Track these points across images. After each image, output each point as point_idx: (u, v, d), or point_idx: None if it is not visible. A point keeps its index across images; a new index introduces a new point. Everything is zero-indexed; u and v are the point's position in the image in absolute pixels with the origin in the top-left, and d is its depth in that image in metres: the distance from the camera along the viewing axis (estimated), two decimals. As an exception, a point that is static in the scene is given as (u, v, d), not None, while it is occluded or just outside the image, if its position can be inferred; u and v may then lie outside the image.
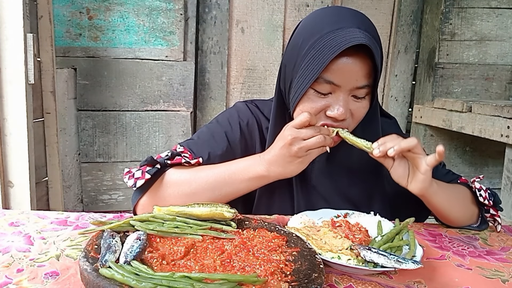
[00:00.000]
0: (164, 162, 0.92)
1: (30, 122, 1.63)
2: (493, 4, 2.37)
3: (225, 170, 0.91)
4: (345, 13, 0.89)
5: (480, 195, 0.99)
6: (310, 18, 0.93)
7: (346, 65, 0.84)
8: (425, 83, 2.48)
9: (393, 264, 0.69)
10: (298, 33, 0.93)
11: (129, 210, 2.24)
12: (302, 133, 0.84)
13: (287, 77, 0.94)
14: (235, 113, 1.06)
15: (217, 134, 1.01)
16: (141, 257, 0.65)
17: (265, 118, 1.06)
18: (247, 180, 0.90)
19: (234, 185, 0.91)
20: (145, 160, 0.92)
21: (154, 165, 0.91)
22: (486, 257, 0.85)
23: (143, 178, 0.89)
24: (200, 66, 2.31)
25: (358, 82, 0.86)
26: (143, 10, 2.13)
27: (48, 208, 1.96)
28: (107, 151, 2.20)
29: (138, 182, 0.89)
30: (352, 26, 0.84)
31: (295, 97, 0.91)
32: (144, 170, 0.90)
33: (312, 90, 0.88)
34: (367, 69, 0.86)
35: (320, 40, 0.85)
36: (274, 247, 0.72)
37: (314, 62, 0.85)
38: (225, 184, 0.90)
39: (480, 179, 1.04)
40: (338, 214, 0.92)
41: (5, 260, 0.69)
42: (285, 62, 0.96)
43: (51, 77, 1.87)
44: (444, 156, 0.83)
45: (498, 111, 1.86)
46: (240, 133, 1.02)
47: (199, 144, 1.00)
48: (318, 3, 2.34)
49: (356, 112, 0.91)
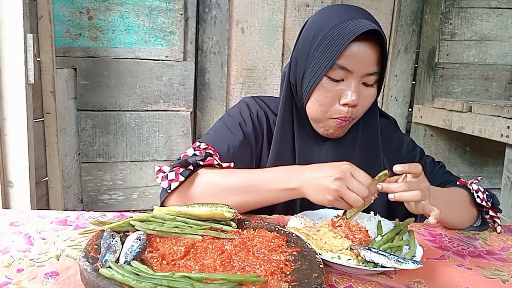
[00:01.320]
0: (196, 163, 0.92)
1: (30, 122, 1.63)
2: (493, 4, 2.37)
3: (257, 177, 0.90)
4: (353, 8, 0.95)
5: (477, 196, 0.99)
6: (318, 15, 0.97)
7: (359, 51, 0.88)
8: (425, 83, 2.48)
9: (393, 264, 0.69)
10: (309, 28, 0.96)
11: (129, 210, 2.25)
12: (353, 182, 0.80)
13: (299, 69, 0.96)
14: (245, 106, 1.09)
15: (232, 126, 1.03)
16: (141, 257, 0.65)
17: (271, 112, 1.09)
18: (277, 190, 0.88)
19: (263, 193, 0.89)
20: (179, 161, 0.92)
21: (187, 166, 0.91)
22: (486, 256, 0.85)
23: (177, 181, 0.89)
24: (200, 66, 2.31)
25: (369, 68, 0.90)
26: (143, 10, 2.13)
27: (48, 208, 1.96)
28: (107, 151, 2.20)
29: (173, 184, 0.89)
30: (361, 18, 0.90)
31: (309, 86, 0.93)
32: (178, 172, 0.90)
33: (326, 78, 0.91)
34: (377, 56, 0.91)
35: (333, 29, 0.89)
36: (274, 247, 0.72)
37: (328, 50, 0.89)
38: (254, 190, 0.89)
39: (478, 181, 1.03)
40: (338, 214, 0.92)
41: (5, 260, 0.69)
42: (296, 56, 0.98)
43: (51, 77, 1.87)
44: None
45: (498, 111, 1.86)
46: (252, 124, 1.05)
47: (217, 138, 1.02)
48: (318, 3, 2.33)
49: (363, 100, 0.94)
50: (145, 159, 2.25)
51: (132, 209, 2.26)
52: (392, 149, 1.10)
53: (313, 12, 2.33)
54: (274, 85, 2.39)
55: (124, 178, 2.24)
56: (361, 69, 0.90)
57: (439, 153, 2.47)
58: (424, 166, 1.10)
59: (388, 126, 1.13)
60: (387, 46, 2.47)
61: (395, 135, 1.14)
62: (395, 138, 1.13)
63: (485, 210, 1.01)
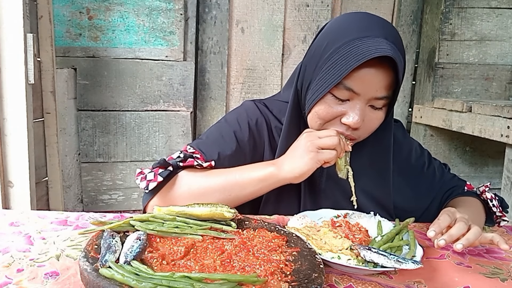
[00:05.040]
0: (176, 164, 0.92)
1: (30, 122, 1.63)
2: (493, 4, 2.37)
3: (237, 172, 0.91)
4: (374, 21, 0.87)
5: (493, 205, 1.01)
6: (337, 22, 0.91)
7: (368, 75, 0.83)
8: (425, 83, 2.48)
9: (393, 264, 0.69)
10: (323, 36, 0.91)
11: (129, 210, 2.25)
12: (318, 133, 0.85)
13: (306, 78, 0.93)
14: (243, 112, 1.04)
15: (226, 134, 1.00)
16: (141, 257, 0.65)
17: (274, 117, 1.04)
18: (257, 180, 0.89)
19: (243, 187, 0.89)
20: (158, 162, 0.91)
21: (167, 167, 0.91)
22: (485, 255, 0.85)
23: (156, 181, 0.89)
24: (200, 66, 2.31)
25: (378, 92, 0.86)
26: (143, 10, 2.13)
27: (48, 208, 1.96)
28: (107, 151, 2.20)
29: (151, 185, 0.89)
30: (380, 36, 0.83)
31: (312, 99, 0.90)
32: (157, 173, 0.90)
33: (330, 95, 0.87)
34: (388, 80, 0.85)
35: (345, 46, 0.83)
36: (274, 247, 0.72)
37: (336, 67, 0.84)
38: (235, 185, 0.89)
39: (489, 187, 1.05)
40: (338, 214, 0.92)
41: (5, 260, 0.69)
42: (306, 62, 0.94)
43: (51, 77, 1.87)
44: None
45: (498, 111, 1.86)
46: (249, 132, 1.01)
47: (208, 144, 0.99)
48: (318, 3, 2.34)
49: (369, 122, 0.90)
50: (145, 159, 2.25)
51: (132, 209, 2.26)
52: (402, 157, 1.08)
53: (313, 12, 2.34)
54: (274, 85, 2.39)
55: (124, 178, 2.24)
56: (369, 93, 0.85)
57: (439, 153, 2.47)
58: (433, 171, 1.11)
59: (397, 130, 1.09)
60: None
61: (404, 141, 1.11)
62: (404, 144, 1.10)
63: (494, 213, 1.04)
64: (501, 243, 0.78)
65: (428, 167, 1.11)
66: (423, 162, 1.11)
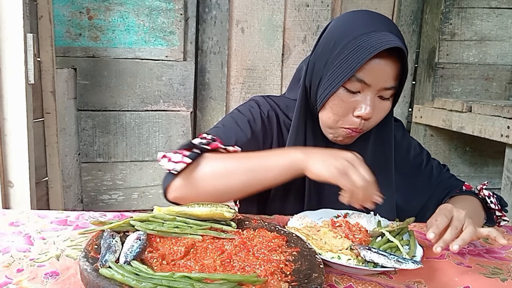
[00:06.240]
0: (202, 147, 0.91)
1: (30, 122, 1.63)
2: (493, 4, 2.37)
3: (263, 155, 0.90)
4: (377, 18, 0.93)
5: (491, 201, 1.02)
6: (341, 20, 0.95)
7: (379, 66, 0.87)
8: (425, 83, 2.48)
9: (393, 264, 0.69)
10: (330, 34, 0.94)
11: (129, 210, 2.25)
12: (358, 167, 0.81)
13: (316, 75, 0.95)
14: (255, 104, 1.06)
15: (241, 122, 1.01)
16: (141, 257, 0.65)
17: (282, 112, 1.07)
18: (283, 164, 0.87)
19: (269, 168, 0.88)
20: (184, 145, 0.91)
21: (192, 149, 0.90)
22: (485, 255, 0.85)
23: (183, 162, 0.87)
24: (200, 66, 2.31)
25: (387, 83, 0.90)
26: (143, 10, 2.13)
27: (48, 208, 1.96)
28: (107, 151, 2.20)
29: (178, 166, 0.87)
30: (385, 30, 0.88)
31: (324, 94, 0.92)
32: (184, 155, 0.88)
33: (342, 88, 0.90)
34: (396, 71, 0.90)
35: (355, 40, 0.88)
36: (274, 247, 0.72)
37: (348, 61, 0.88)
38: (261, 166, 0.88)
39: (487, 186, 1.05)
40: (338, 214, 0.92)
41: (5, 260, 0.69)
42: (314, 60, 0.97)
43: (51, 77, 1.87)
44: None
45: (498, 111, 1.86)
46: (262, 123, 1.03)
47: (225, 131, 0.99)
48: (318, 3, 2.34)
49: (377, 113, 0.93)
50: (145, 159, 2.25)
51: (132, 209, 2.26)
52: (401, 153, 1.10)
53: (313, 12, 2.34)
54: (274, 85, 2.39)
55: (124, 178, 2.24)
56: (379, 83, 0.89)
57: (439, 153, 2.47)
58: (431, 170, 1.12)
59: (397, 129, 1.12)
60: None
61: (403, 138, 1.14)
62: (403, 142, 1.13)
63: (493, 211, 1.04)
64: (498, 237, 0.79)
65: (426, 165, 1.12)
66: (421, 160, 1.12)
